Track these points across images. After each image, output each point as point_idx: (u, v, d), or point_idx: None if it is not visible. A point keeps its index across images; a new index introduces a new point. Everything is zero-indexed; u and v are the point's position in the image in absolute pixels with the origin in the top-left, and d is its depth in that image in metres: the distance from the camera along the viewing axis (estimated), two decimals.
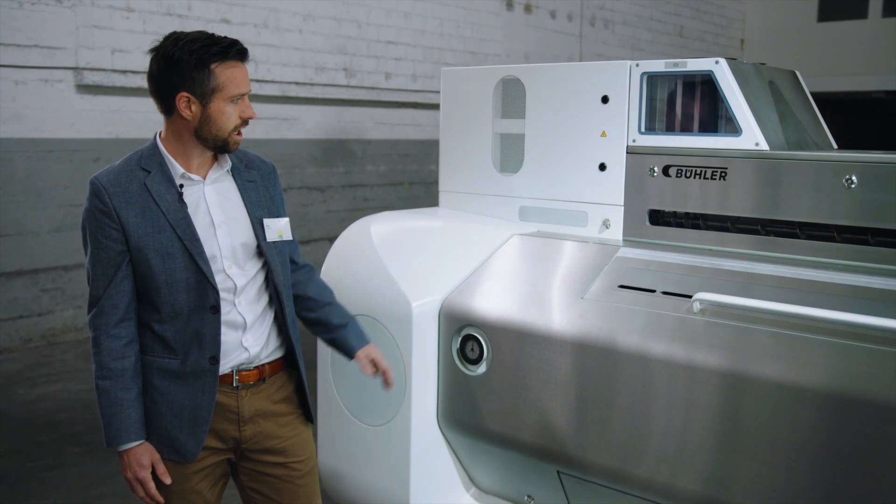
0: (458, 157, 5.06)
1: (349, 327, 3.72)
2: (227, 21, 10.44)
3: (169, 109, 3.26)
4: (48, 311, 9.38)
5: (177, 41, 3.22)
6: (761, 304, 3.54)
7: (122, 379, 3.25)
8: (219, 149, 3.33)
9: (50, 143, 9.15)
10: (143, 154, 3.31)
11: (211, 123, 3.24)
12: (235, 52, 3.26)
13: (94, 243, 3.25)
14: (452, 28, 13.34)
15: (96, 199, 3.23)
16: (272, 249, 3.43)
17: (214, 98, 3.22)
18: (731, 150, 4.10)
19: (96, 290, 3.27)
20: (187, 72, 3.18)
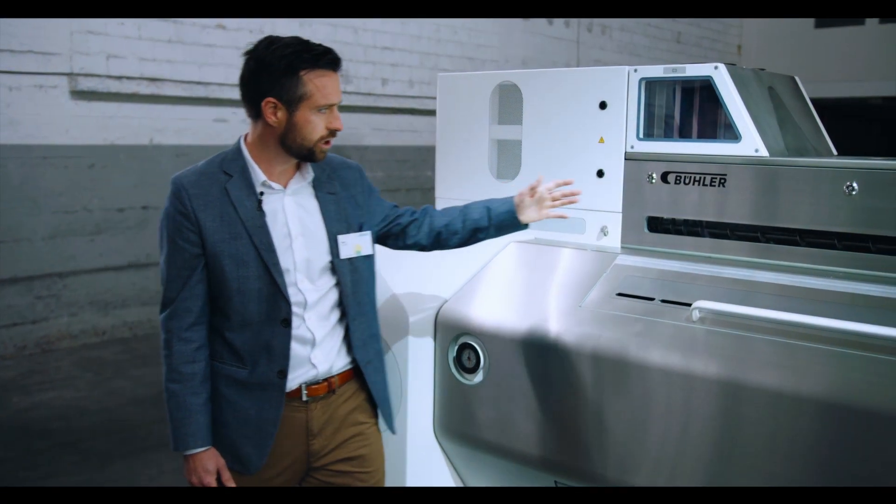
0: (455, 163, 5.02)
1: (491, 207, 3.71)
2: (222, 27, 10.40)
3: (255, 114, 3.24)
4: (43, 318, 9.35)
5: (270, 45, 3.22)
6: (761, 313, 3.51)
7: (192, 383, 3.25)
8: (304, 158, 3.30)
9: (44, 149, 9.12)
10: (227, 157, 3.31)
11: (296, 132, 3.21)
12: (327, 60, 3.22)
13: (171, 244, 3.23)
14: (449, 33, 13.31)
15: (176, 200, 3.21)
16: (345, 267, 3.38)
17: (301, 106, 3.18)
18: (730, 157, 4.07)
19: (170, 292, 3.25)
20: (276, 77, 3.16)
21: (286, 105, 3.17)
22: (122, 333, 9.99)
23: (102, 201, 9.66)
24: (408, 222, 3.68)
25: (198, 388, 3.26)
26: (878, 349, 3.26)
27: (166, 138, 10.09)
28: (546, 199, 3.69)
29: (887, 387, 3.14)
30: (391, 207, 3.69)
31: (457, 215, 3.70)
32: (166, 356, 3.26)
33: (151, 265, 10.15)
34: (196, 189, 3.21)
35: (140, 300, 10.09)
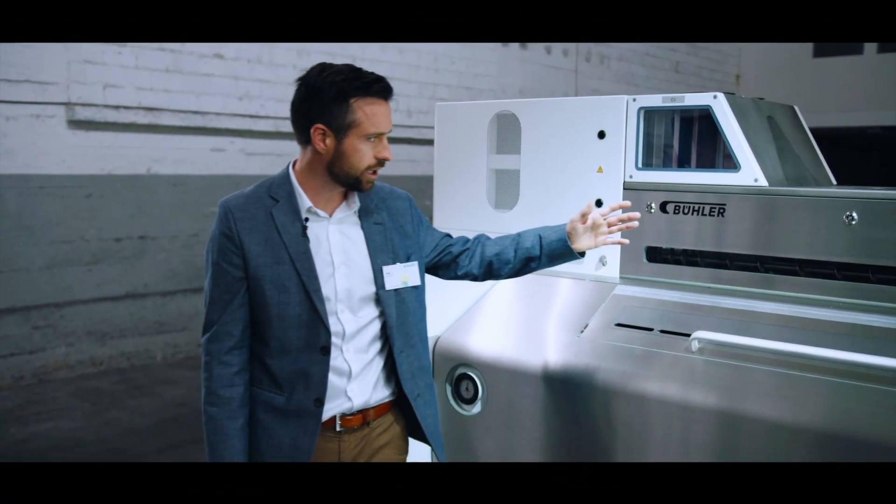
0: (453, 193, 5.00)
1: (543, 235, 3.59)
2: (220, 56, 10.41)
3: (304, 140, 3.22)
4: (40, 348, 9.32)
5: (322, 71, 3.18)
6: (761, 344, 3.49)
7: (230, 407, 3.21)
8: (350, 186, 3.25)
9: (41, 178, 9.11)
10: (274, 182, 3.29)
11: (344, 159, 3.17)
12: (378, 88, 3.18)
13: (215, 267, 3.21)
14: (447, 63, 13.32)
15: (222, 223, 3.20)
16: (391, 298, 3.32)
17: (350, 133, 3.15)
18: (729, 187, 4.06)
19: (212, 315, 3.23)
20: (326, 103, 3.13)
21: (335, 132, 3.15)
22: (120, 364, 9.95)
23: (100, 231, 9.64)
24: (459, 252, 3.61)
25: (235, 412, 3.22)
26: (879, 380, 3.25)
27: (164, 168, 10.08)
28: (601, 226, 3.56)
29: (888, 418, 3.11)
30: (442, 237, 3.63)
31: (509, 244, 3.61)
32: (206, 379, 3.23)
33: (149, 295, 10.12)
34: (242, 212, 3.20)
35: (137, 330, 10.06)
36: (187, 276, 10.44)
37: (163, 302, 10.27)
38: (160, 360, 10.27)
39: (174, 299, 10.38)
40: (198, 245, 10.46)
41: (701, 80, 19.42)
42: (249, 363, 3.28)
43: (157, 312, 10.23)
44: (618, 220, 3.56)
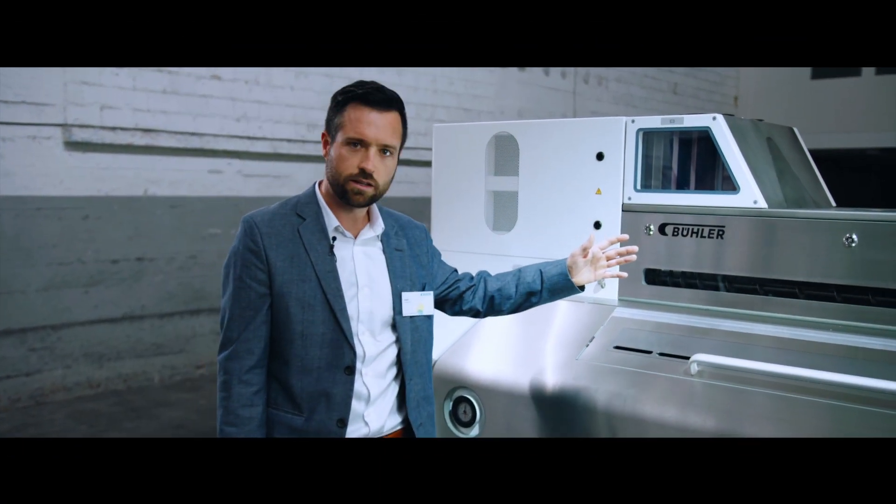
0: (451, 214, 4.99)
1: (544, 270, 3.59)
2: (217, 77, 10.39)
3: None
4: (36, 370, 9.27)
5: (341, 89, 3.24)
6: (760, 367, 3.48)
7: (249, 427, 3.16)
8: (341, 198, 3.20)
9: (38, 200, 9.08)
10: (301, 201, 3.27)
11: (332, 166, 3.19)
12: (374, 98, 3.17)
13: (237, 283, 3.17)
14: (445, 84, 13.31)
15: (247, 238, 3.17)
16: (407, 324, 3.30)
17: (336, 138, 3.17)
18: (728, 208, 4.04)
19: (231, 332, 3.17)
20: (331, 113, 3.19)
21: (331, 138, 3.19)
22: (117, 386, 9.90)
23: (97, 253, 9.60)
24: (466, 288, 3.61)
25: (254, 432, 3.17)
26: (879, 403, 3.23)
27: (161, 189, 10.05)
28: (600, 259, 3.57)
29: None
30: (452, 272, 3.63)
31: (510, 280, 3.60)
32: (224, 398, 3.18)
33: (146, 317, 10.08)
34: (268, 228, 3.18)
35: (135, 352, 10.01)
36: (185, 297, 10.40)
37: (160, 324, 10.23)
38: (157, 383, 10.22)
39: (172, 321, 10.34)
40: (195, 267, 10.43)
41: (699, 101, 19.41)
42: (266, 384, 3.23)
43: (155, 334, 10.19)
44: (616, 253, 3.58)
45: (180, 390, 10.00)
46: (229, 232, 10.62)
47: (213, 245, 10.54)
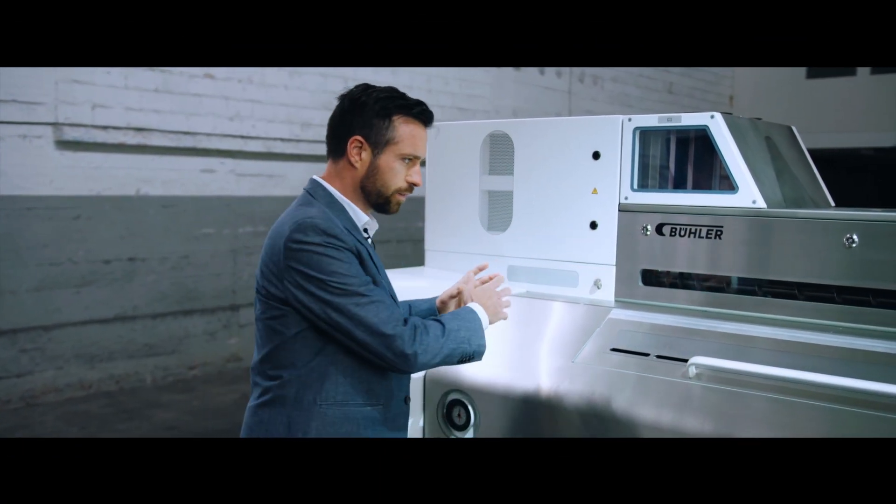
0: (445, 214, 4.95)
1: (413, 305, 3.66)
2: (210, 76, 10.35)
3: (339, 152, 3.24)
4: (27, 371, 9.22)
5: (366, 88, 3.25)
6: (759, 369, 3.42)
7: (440, 323, 3.18)
8: (378, 206, 3.27)
9: (29, 200, 9.03)
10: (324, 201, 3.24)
11: (377, 176, 3.21)
12: (419, 110, 3.24)
13: (340, 263, 3.08)
14: (440, 84, 13.28)
15: (334, 239, 3.08)
16: None
17: (386, 150, 3.19)
18: (726, 208, 3.99)
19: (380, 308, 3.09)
20: (368, 116, 3.17)
21: (372, 146, 3.19)
22: (109, 387, 9.86)
23: (88, 253, 9.55)
24: None
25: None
26: (879, 406, 3.18)
27: (153, 189, 10.01)
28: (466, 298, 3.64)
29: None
30: None
31: None
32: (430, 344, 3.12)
33: (138, 318, 10.04)
34: (338, 228, 3.13)
35: (126, 353, 9.97)
36: (177, 298, 10.36)
37: (152, 324, 10.19)
38: (150, 384, 10.18)
39: (164, 322, 10.30)
40: (188, 267, 10.39)
41: (694, 101, 19.42)
42: (341, 386, 3.19)
43: (147, 335, 10.15)
44: (480, 281, 3.63)
45: (173, 391, 9.97)
46: (222, 232, 10.59)
47: (206, 245, 10.51)
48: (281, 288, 3.11)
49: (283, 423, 3.18)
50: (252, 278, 10.96)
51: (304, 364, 3.17)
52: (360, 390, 3.19)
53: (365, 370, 3.19)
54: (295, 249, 3.06)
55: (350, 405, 3.18)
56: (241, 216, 10.80)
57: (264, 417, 3.22)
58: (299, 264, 3.06)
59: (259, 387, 3.27)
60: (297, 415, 3.17)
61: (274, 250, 3.15)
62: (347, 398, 3.18)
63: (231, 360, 10.95)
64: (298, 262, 3.06)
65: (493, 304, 3.36)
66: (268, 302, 3.18)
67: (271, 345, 3.21)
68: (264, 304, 3.21)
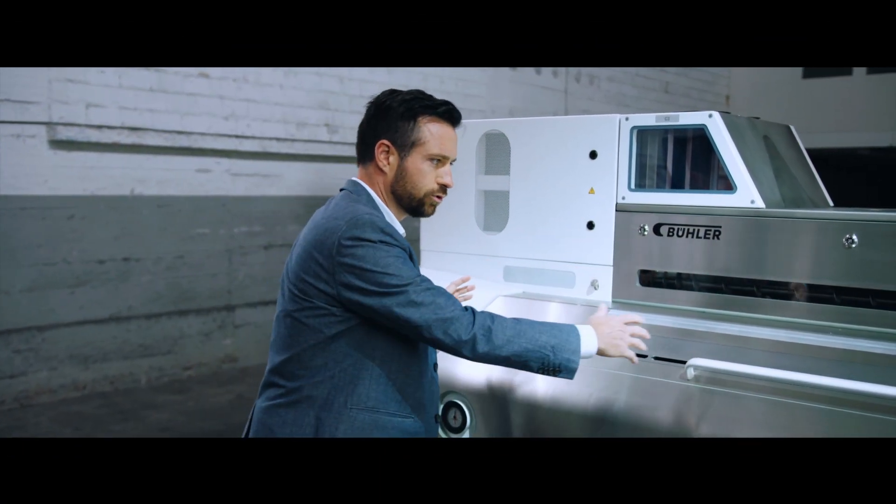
0: (440, 214, 4.87)
1: None
2: (205, 75, 10.30)
3: (368, 157, 3.24)
4: (21, 372, 9.17)
5: (393, 93, 3.24)
6: (759, 371, 3.39)
7: (521, 323, 3.13)
8: (412, 210, 3.27)
9: (23, 199, 8.98)
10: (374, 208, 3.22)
11: (406, 179, 3.21)
12: (445, 110, 3.23)
13: (396, 258, 3.07)
14: (437, 83, 13.24)
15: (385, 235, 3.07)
16: None
17: (413, 151, 3.19)
18: (725, 208, 3.97)
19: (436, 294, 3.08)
20: (393, 119, 3.17)
21: (399, 149, 3.19)
22: (103, 388, 9.81)
23: (83, 253, 9.50)
24: None
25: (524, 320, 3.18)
26: (879, 409, 3.16)
27: (148, 189, 9.96)
28: None
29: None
30: None
31: None
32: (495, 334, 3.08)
33: (133, 318, 10.00)
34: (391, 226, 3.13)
35: (121, 354, 9.92)
36: (172, 298, 10.32)
37: (147, 325, 10.14)
38: (144, 384, 10.13)
39: (159, 322, 10.25)
40: (183, 267, 10.35)
41: (691, 100, 19.41)
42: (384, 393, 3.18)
43: (142, 335, 10.10)
44: (456, 290, 3.77)
45: (168, 392, 9.92)
46: (217, 232, 10.55)
47: (201, 245, 10.46)
48: (332, 284, 3.07)
49: (310, 423, 3.14)
50: (248, 278, 11.01)
51: (338, 365, 3.14)
52: (392, 398, 3.16)
53: (399, 378, 3.17)
54: (352, 245, 3.03)
55: (381, 412, 3.15)
56: (236, 216, 10.76)
57: (288, 418, 3.18)
58: (357, 260, 3.03)
59: (280, 387, 3.22)
60: (327, 416, 3.13)
61: (324, 245, 3.09)
62: (378, 405, 3.15)
63: (226, 360, 10.91)
64: (355, 258, 3.03)
65: (611, 333, 3.22)
66: (306, 300, 3.13)
67: (304, 344, 3.16)
68: (300, 301, 3.15)
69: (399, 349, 3.17)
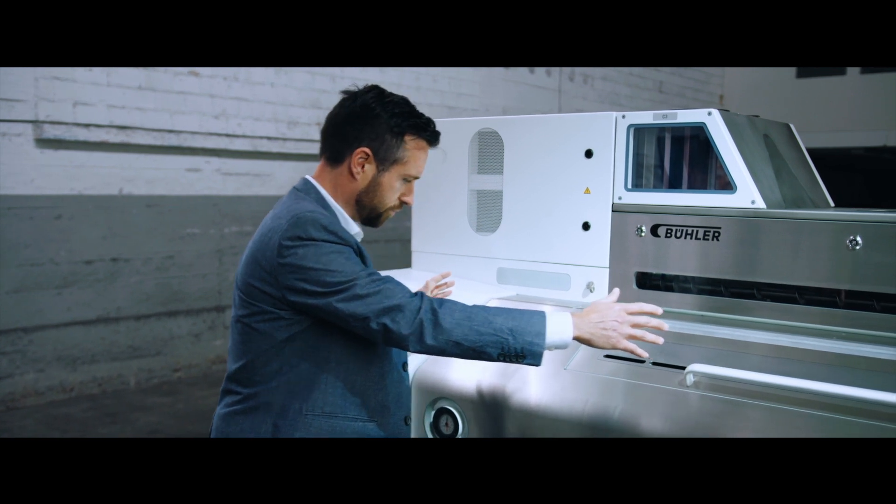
0: (432, 214, 4.84)
1: None
2: (195, 73, 10.24)
3: (338, 159, 3.15)
4: (7, 374, 9.10)
5: (381, 96, 3.14)
6: (760, 378, 3.29)
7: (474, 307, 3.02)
8: (367, 220, 3.23)
9: (9, 199, 8.91)
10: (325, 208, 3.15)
11: (377, 192, 3.15)
12: (431, 133, 3.19)
13: (340, 255, 2.97)
14: (429, 82, 13.21)
15: (328, 233, 2.98)
16: None
17: (392, 168, 3.14)
18: (724, 209, 3.88)
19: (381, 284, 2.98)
20: (380, 130, 3.10)
21: (379, 162, 3.12)
22: (91, 390, 9.75)
23: (70, 253, 9.44)
24: None
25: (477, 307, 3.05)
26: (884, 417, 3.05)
27: (137, 188, 9.90)
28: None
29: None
30: None
31: None
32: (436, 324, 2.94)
33: (122, 319, 9.93)
34: (337, 224, 3.06)
35: (109, 355, 9.85)
36: (162, 299, 10.26)
37: (136, 326, 10.08)
38: (133, 386, 10.07)
39: (148, 323, 10.19)
40: (173, 267, 10.29)
41: (685, 100, 19.45)
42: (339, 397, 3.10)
43: (130, 337, 10.04)
44: (435, 287, 3.78)
45: (157, 394, 9.88)
46: (208, 231, 10.49)
47: (191, 245, 10.41)
48: (276, 287, 2.98)
49: (267, 431, 3.06)
50: None
51: (293, 370, 3.05)
52: (351, 402, 3.08)
53: (358, 380, 3.09)
54: (293, 246, 2.95)
55: (339, 417, 3.08)
56: (226, 216, 10.71)
57: (245, 426, 3.10)
58: (299, 259, 2.95)
59: (237, 394, 3.15)
60: (283, 423, 3.05)
61: (267, 247, 3.01)
62: (336, 409, 3.07)
63: (216, 361, 10.86)
64: (297, 257, 2.95)
65: (601, 322, 3.09)
66: (255, 304, 3.05)
67: (257, 350, 3.08)
68: (249, 307, 3.07)
69: (357, 350, 3.09)
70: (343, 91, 3.23)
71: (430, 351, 2.96)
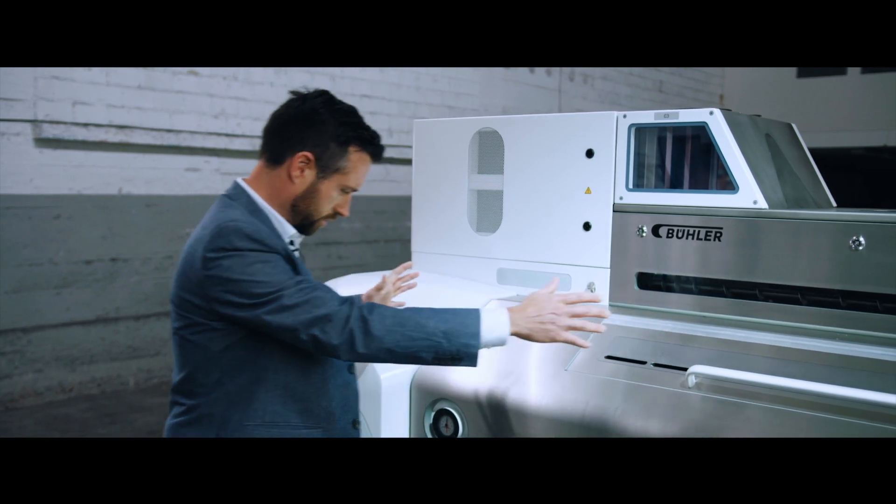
0: (432, 215, 4.81)
1: None
2: (195, 73, 10.22)
3: (277, 160, 3.11)
4: (6, 375, 9.08)
5: (331, 102, 3.12)
6: (762, 379, 3.28)
7: (406, 311, 2.99)
8: (300, 226, 3.17)
9: (7, 199, 8.89)
10: (247, 211, 3.09)
11: (313, 199, 3.11)
12: (376, 147, 3.18)
13: (266, 264, 2.93)
14: (429, 82, 13.19)
15: (253, 242, 2.93)
16: None
17: (333, 177, 3.11)
18: (726, 209, 3.86)
19: (317, 290, 2.96)
20: (325, 137, 3.06)
21: (320, 168, 3.08)
22: (90, 390, 9.73)
23: (69, 253, 9.42)
24: None
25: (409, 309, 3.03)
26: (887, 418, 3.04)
27: (136, 188, 9.88)
28: (390, 293, 3.71)
29: None
30: None
31: None
32: (366, 333, 2.90)
33: (121, 319, 9.92)
34: (263, 233, 2.99)
35: (109, 355, 9.84)
36: (161, 299, 10.23)
37: (135, 326, 10.07)
38: (132, 387, 10.06)
39: (147, 323, 10.17)
40: (171, 267, 10.26)
41: (685, 99, 19.43)
42: (278, 405, 3.06)
43: (130, 337, 10.02)
44: (397, 279, 3.76)
45: (156, 394, 9.87)
46: None
47: None
48: (205, 299, 2.94)
49: None
50: None
51: (232, 380, 3.01)
52: (293, 410, 3.05)
53: (300, 387, 3.06)
54: (217, 258, 2.90)
55: (281, 426, 3.04)
56: None
57: (191, 438, 3.07)
58: (224, 271, 2.90)
59: (181, 405, 3.11)
60: (225, 434, 3.02)
61: (193, 258, 2.97)
62: (278, 418, 3.03)
63: None
64: (222, 269, 2.90)
65: (538, 316, 3.06)
66: (187, 316, 3.01)
67: (195, 362, 3.04)
68: (184, 318, 3.03)
69: (296, 357, 3.05)
70: (292, 91, 3.20)
71: (363, 359, 2.95)
